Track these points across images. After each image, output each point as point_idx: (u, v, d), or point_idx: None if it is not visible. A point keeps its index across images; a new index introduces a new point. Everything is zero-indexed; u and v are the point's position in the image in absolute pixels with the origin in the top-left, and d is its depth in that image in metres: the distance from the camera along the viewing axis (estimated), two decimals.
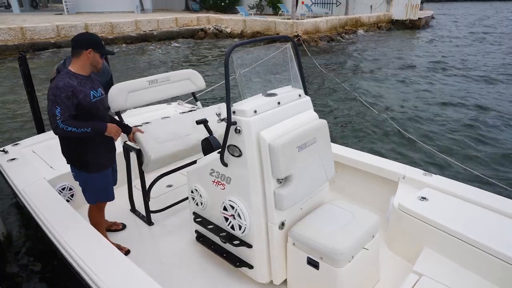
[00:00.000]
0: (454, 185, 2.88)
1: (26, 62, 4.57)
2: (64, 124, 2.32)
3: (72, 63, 2.48)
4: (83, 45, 2.42)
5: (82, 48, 2.42)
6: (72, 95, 2.35)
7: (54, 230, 2.55)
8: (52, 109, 2.32)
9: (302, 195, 2.45)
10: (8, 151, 3.90)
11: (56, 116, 2.31)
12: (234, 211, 2.40)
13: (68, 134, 2.38)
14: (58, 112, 2.30)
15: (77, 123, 2.37)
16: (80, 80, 2.44)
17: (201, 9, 28.09)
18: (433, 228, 2.49)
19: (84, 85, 2.45)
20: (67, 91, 2.33)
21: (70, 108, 2.35)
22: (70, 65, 2.49)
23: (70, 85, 2.35)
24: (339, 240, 2.22)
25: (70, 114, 2.36)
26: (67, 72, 2.44)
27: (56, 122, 2.31)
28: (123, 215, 3.51)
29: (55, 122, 2.32)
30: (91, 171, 2.61)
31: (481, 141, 6.47)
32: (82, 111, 2.43)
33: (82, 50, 2.42)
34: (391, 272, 2.63)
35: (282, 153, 2.20)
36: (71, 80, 2.39)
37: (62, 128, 2.32)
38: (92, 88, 2.53)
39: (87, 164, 2.59)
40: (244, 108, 2.25)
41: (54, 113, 2.31)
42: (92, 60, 2.46)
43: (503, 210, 2.53)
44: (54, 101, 2.31)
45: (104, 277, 2.11)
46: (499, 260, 2.18)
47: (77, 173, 2.68)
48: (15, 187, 3.24)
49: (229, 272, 2.71)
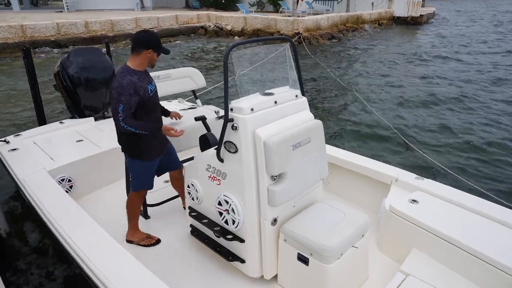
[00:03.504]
0: (445, 190, 2.94)
1: (30, 56, 4.70)
2: (124, 122, 2.51)
3: (130, 60, 2.62)
4: (143, 45, 2.56)
5: (142, 48, 2.57)
6: (134, 93, 2.52)
7: (53, 219, 2.62)
8: (116, 107, 2.49)
9: (295, 193, 2.49)
10: (9, 141, 3.98)
11: (119, 113, 2.49)
12: (229, 206, 2.44)
13: (127, 132, 2.57)
14: (121, 110, 2.48)
15: (137, 124, 2.56)
16: (139, 76, 2.58)
17: (201, 6, 28.08)
18: (422, 230, 2.54)
19: (143, 80, 2.61)
20: (130, 89, 2.49)
21: (132, 106, 2.53)
22: (128, 61, 2.63)
23: (132, 83, 2.51)
24: (329, 237, 2.27)
25: (131, 112, 2.54)
26: (127, 69, 2.57)
27: (118, 119, 2.51)
28: (120, 208, 3.53)
29: (118, 120, 2.51)
30: (143, 159, 2.76)
31: (479, 148, 6.40)
32: (142, 105, 2.61)
33: (142, 50, 2.57)
34: (380, 271, 2.68)
35: (276, 150, 2.25)
36: (132, 77, 2.54)
37: (123, 126, 2.52)
38: (149, 82, 2.68)
39: (141, 153, 2.74)
40: (241, 105, 2.30)
41: (118, 111, 2.49)
42: (150, 59, 2.62)
43: (492, 215, 2.58)
44: (118, 100, 2.48)
45: (101, 266, 2.17)
46: (485, 263, 2.23)
47: (131, 161, 2.82)
48: (15, 176, 3.32)
49: (222, 266, 2.76)
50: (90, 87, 4.71)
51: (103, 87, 4.76)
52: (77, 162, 3.65)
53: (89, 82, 4.68)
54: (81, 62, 4.67)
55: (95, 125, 4.58)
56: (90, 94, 4.76)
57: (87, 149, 3.89)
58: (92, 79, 4.69)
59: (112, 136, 4.19)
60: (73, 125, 4.55)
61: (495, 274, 2.19)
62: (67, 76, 4.65)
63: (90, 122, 4.69)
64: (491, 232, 2.44)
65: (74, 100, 4.79)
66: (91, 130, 4.44)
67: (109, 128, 4.44)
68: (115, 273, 2.13)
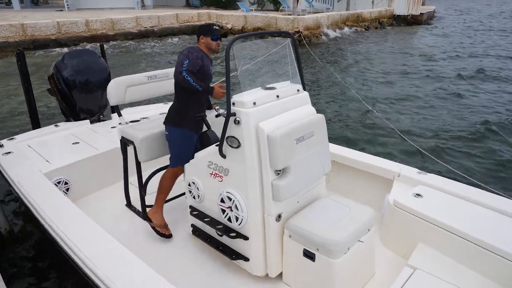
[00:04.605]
0: (448, 183, 2.92)
1: (24, 59, 4.60)
2: (186, 73, 2.72)
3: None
4: (197, 34, 2.99)
5: (197, 36, 2.99)
6: (200, 59, 2.87)
7: (50, 220, 2.58)
8: (181, 61, 2.76)
9: (300, 187, 2.47)
10: (3, 144, 3.91)
11: (183, 65, 2.73)
12: (232, 203, 2.41)
13: (184, 83, 2.75)
14: (186, 63, 2.74)
15: (195, 78, 2.77)
16: (203, 54, 2.95)
17: (201, 5, 28.01)
18: (428, 224, 2.52)
19: (205, 59, 2.96)
20: (198, 54, 2.87)
21: (195, 66, 2.82)
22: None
23: (199, 54, 2.90)
24: (335, 232, 2.24)
25: (193, 70, 2.79)
26: (196, 47, 2.96)
27: (181, 69, 2.73)
28: (118, 210, 3.52)
29: (180, 69, 2.73)
30: (184, 127, 2.93)
31: (480, 145, 6.37)
32: (200, 75, 2.86)
33: (198, 37, 2.98)
34: (385, 267, 2.66)
35: (280, 144, 2.23)
36: (198, 53, 2.92)
37: (183, 75, 2.72)
38: (210, 63, 3.05)
39: (183, 120, 2.92)
40: (243, 99, 2.28)
41: (182, 63, 2.74)
42: (206, 43, 2.96)
43: (495, 207, 2.58)
44: (186, 56, 2.79)
45: (101, 265, 2.13)
46: (493, 253, 2.21)
47: (172, 130, 2.97)
48: (10, 179, 3.26)
49: (225, 265, 2.72)
50: (85, 90, 4.65)
51: (98, 90, 4.70)
52: (74, 164, 3.60)
53: (84, 84, 4.62)
54: (76, 65, 4.60)
55: (91, 128, 4.53)
56: (85, 97, 4.70)
57: (84, 151, 3.83)
58: (87, 82, 4.64)
59: (109, 138, 4.14)
60: (69, 128, 4.49)
61: (503, 264, 2.17)
62: (61, 79, 4.58)
63: (86, 125, 4.63)
64: (496, 223, 2.42)
65: (69, 103, 4.72)
66: (87, 132, 4.39)
67: (105, 130, 4.39)
68: (115, 272, 2.08)
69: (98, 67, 4.77)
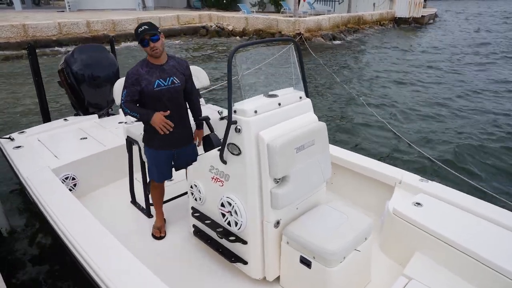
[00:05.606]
0: (450, 192, 2.90)
1: (35, 52, 4.72)
2: (124, 105, 2.68)
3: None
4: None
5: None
6: (136, 82, 2.65)
7: (55, 217, 2.64)
8: (122, 91, 2.69)
9: (298, 196, 2.48)
10: (14, 138, 3.99)
11: (122, 97, 2.69)
12: (231, 208, 2.44)
13: (126, 114, 2.74)
14: (124, 94, 2.67)
15: (133, 107, 2.69)
16: (149, 69, 2.69)
17: (202, 6, 28.07)
18: (425, 234, 2.51)
19: (152, 74, 2.68)
20: (132, 78, 2.65)
21: (134, 93, 2.67)
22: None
23: (137, 73, 2.66)
24: (331, 241, 2.25)
25: (133, 99, 2.68)
26: (143, 61, 2.73)
27: (121, 101, 2.70)
28: (124, 207, 3.57)
29: (120, 102, 2.71)
30: (151, 146, 2.91)
31: (484, 150, 6.34)
32: (146, 97, 2.71)
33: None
34: (382, 274, 2.67)
35: (280, 153, 2.24)
36: (142, 68, 2.68)
37: (123, 108, 2.69)
38: (160, 77, 2.70)
39: (150, 141, 2.89)
40: (244, 108, 2.28)
41: (122, 94, 2.68)
42: (146, 52, 2.68)
43: (497, 220, 2.54)
44: (124, 85, 2.69)
45: (102, 265, 2.17)
46: (489, 268, 2.20)
47: (145, 149, 2.98)
48: (19, 174, 3.34)
49: (224, 267, 2.76)
50: (94, 84, 4.71)
51: (107, 85, 4.75)
52: (81, 160, 3.67)
53: (93, 79, 4.68)
54: (85, 59, 4.67)
55: (99, 122, 4.59)
56: (94, 91, 4.76)
57: (91, 147, 3.91)
58: (96, 76, 4.70)
59: (116, 133, 4.22)
60: (77, 122, 4.56)
61: (499, 280, 2.16)
62: (71, 73, 4.65)
63: (94, 119, 4.70)
64: (496, 237, 2.40)
65: (78, 97, 4.80)
66: (95, 127, 4.46)
67: (113, 126, 4.46)
68: (115, 272, 2.13)
69: (107, 62, 4.82)
